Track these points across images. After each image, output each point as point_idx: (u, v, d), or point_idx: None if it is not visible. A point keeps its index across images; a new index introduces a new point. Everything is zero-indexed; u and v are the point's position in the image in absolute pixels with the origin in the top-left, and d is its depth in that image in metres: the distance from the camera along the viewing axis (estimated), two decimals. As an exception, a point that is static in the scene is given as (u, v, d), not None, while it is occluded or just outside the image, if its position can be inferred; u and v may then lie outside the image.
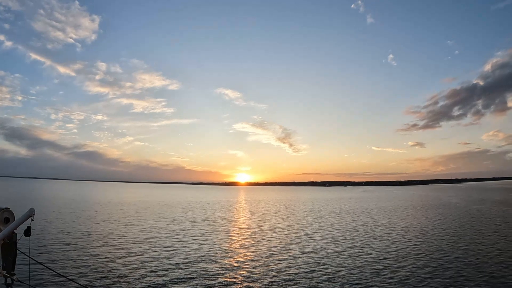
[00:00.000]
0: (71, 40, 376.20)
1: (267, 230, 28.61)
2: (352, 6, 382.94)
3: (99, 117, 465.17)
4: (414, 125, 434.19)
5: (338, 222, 33.95)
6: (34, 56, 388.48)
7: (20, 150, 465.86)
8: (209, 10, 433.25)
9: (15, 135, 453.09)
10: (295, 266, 16.20)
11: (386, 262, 16.98)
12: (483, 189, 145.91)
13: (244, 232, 27.14)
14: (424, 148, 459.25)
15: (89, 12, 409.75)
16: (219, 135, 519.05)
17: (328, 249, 20.36)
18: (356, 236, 25.42)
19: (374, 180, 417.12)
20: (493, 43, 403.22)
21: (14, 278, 6.64)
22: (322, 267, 16.01)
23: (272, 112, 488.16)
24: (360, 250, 19.83)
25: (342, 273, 14.86)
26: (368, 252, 19.38)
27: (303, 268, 15.71)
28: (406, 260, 17.38)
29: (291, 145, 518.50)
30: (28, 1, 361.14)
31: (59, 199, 66.72)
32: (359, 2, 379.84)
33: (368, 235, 25.49)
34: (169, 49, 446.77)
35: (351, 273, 14.82)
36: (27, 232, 6.62)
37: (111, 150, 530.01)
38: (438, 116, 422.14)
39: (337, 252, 19.47)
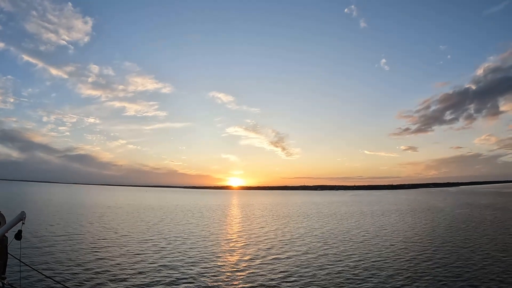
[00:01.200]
0: (64, 42, 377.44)
1: (243, 234, 29.20)
2: (346, 10, 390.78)
3: (91, 120, 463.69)
4: (407, 129, 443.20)
5: (314, 226, 34.87)
6: (26, 57, 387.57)
7: (11, 153, 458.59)
8: (202, 14, 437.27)
9: (7, 137, 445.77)
10: (267, 270, 16.72)
11: (355, 265, 17.77)
12: (473, 193, 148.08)
13: (224, 237, 27.62)
14: (416, 152, 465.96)
15: (82, 14, 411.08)
16: (212, 139, 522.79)
17: (302, 253, 20.88)
18: (328, 240, 26.16)
19: (366, 184, 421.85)
20: (486, 48, 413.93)
21: (5, 282, 7.03)
22: (296, 270, 16.66)
23: (264, 116, 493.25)
24: (333, 255, 20.43)
25: (318, 278, 15.50)
26: (339, 256, 20.02)
27: (277, 273, 16.25)
28: (378, 263, 18.08)
29: (283, 149, 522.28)
30: (21, 2, 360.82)
31: (51, 203, 66.53)
32: (352, 6, 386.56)
33: (342, 240, 26.12)
34: (161, 52, 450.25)
35: (327, 278, 15.44)
36: (18, 236, 7.00)
37: (104, 154, 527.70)
38: (430, 120, 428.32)
39: (312, 256, 19.95)
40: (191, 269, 16.62)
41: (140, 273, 15.79)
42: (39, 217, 37.68)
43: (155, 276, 15.26)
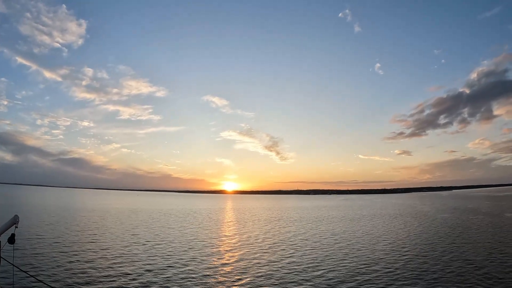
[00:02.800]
0: (58, 45, 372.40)
1: (219, 239, 29.52)
2: (340, 15, 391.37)
3: (85, 123, 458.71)
4: (401, 134, 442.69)
5: (289, 231, 35.60)
6: (20, 60, 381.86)
7: (5, 156, 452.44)
8: (197, 18, 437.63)
9: (0, 140, 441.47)
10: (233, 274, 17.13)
11: (326, 270, 18.29)
12: (464, 197, 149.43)
13: (202, 242, 27.54)
14: (410, 156, 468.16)
15: (76, 17, 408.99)
16: (206, 143, 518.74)
17: (275, 258, 21.26)
18: (299, 243, 26.76)
19: (359, 189, 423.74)
20: (479, 52, 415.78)
21: (-2, 286, 7.58)
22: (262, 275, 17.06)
23: (259, 120, 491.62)
24: (299, 259, 20.90)
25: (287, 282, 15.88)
26: (308, 260, 20.54)
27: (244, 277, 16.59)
28: (343, 269, 18.40)
29: (278, 153, 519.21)
30: (15, 3, 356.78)
31: (44, 206, 66.57)
32: (347, 11, 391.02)
33: (315, 244, 26.68)
34: (156, 56, 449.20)
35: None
36: (11, 240, 6.99)
37: (97, 157, 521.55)
38: (424, 124, 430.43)
39: (283, 261, 20.20)
40: (177, 272, 17.02)
41: (131, 275, 16.08)
42: (32, 221, 37.85)
43: (146, 279, 15.60)
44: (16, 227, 6.97)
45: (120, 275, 16.26)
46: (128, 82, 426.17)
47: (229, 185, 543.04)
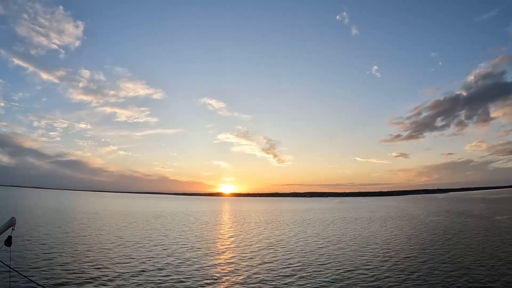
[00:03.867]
0: (55, 46, 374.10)
1: (203, 242, 29.91)
2: (337, 17, 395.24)
3: (82, 125, 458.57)
4: (398, 136, 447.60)
5: (271, 233, 36.25)
6: (17, 61, 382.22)
7: (1, 158, 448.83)
8: (194, 20, 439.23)
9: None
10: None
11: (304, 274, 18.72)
12: (459, 199, 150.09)
13: (186, 246, 27.58)
14: (407, 159, 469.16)
15: (73, 18, 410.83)
16: (203, 145, 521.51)
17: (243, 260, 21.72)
18: (279, 246, 27.21)
19: (356, 191, 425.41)
20: (477, 54, 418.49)
21: (-5, 288, 7.74)
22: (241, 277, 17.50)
23: (256, 123, 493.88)
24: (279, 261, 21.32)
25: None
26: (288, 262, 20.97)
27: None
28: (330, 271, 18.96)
29: (275, 156, 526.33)
30: (12, 4, 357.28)
31: (41, 209, 66.64)
32: (344, 13, 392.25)
33: (298, 246, 27.20)
34: (153, 58, 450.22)
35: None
36: (8, 242, 6.94)
37: (95, 159, 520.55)
38: (421, 127, 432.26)
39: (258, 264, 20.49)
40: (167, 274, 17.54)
41: (128, 277, 16.39)
42: (29, 223, 37.89)
43: (143, 280, 15.99)
44: (13, 229, 6.92)
45: (117, 277, 16.54)
46: (125, 84, 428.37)
47: (227, 188, 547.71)
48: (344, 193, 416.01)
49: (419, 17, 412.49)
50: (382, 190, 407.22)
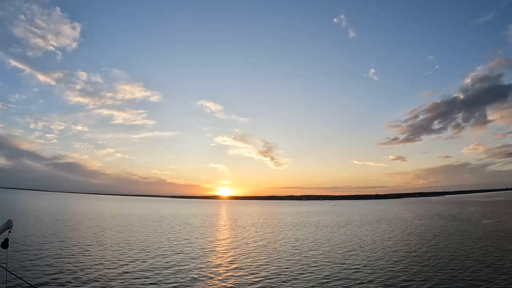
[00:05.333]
0: (52, 48, 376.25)
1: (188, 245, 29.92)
2: (335, 20, 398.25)
3: (79, 127, 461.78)
4: (395, 139, 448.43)
5: (254, 236, 36.65)
6: (14, 63, 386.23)
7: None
8: (191, 23, 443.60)
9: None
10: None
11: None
12: (452, 202, 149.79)
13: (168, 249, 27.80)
14: (405, 162, 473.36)
15: (70, 19, 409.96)
16: (200, 148, 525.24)
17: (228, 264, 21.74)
18: (255, 249, 27.30)
19: (352, 194, 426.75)
20: (473, 57, 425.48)
21: (-9, 291, 6.84)
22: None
23: (253, 126, 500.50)
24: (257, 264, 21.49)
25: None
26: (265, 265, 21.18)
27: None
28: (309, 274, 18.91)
29: (272, 159, 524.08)
30: (9, 6, 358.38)
31: (38, 211, 66.66)
32: (342, 16, 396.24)
33: (275, 249, 27.35)
34: (150, 60, 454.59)
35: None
36: (5, 244, 6.96)
37: (92, 162, 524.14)
38: (418, 129, 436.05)
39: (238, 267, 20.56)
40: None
41: (125, 279, 16.44)
42: (26, 226, 37.90)
43: (140, 283, 16.14)
44: (9, 231, 6.88)
45: (114, 279, 16.62)
46: (122, 86, 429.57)
47: (224, 191, 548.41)
48: (340, 196, 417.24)
49: (416, 21, 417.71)
50: (378, 193, 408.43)
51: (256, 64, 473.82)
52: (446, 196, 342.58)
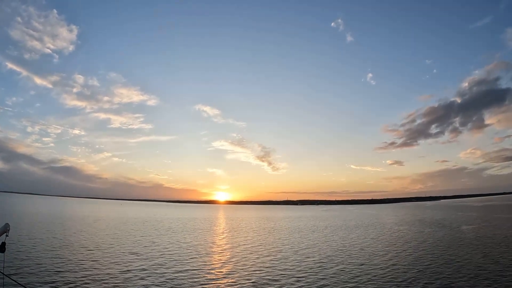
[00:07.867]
0: (49, 51, 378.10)
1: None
2: (332, 24, 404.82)
3: (76, 131, 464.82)
4: (392, 143, 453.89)
5: (236, 240, 37.22)
6: (10, 65, 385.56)
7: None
8: (189, 27, 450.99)
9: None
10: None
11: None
12: (443, 207, 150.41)
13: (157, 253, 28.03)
14: (402, 166, 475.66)
15: (67, 22, 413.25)
16: (198, 152, 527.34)
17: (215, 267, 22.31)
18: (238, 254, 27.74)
19: (348, 199, 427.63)
20: (471, 61, 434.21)
21: (-12, 295, 6.49)
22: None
23: (251, 130, 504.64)
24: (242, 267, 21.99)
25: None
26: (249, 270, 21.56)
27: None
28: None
29: (270, 163, 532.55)
30: (5, 7, 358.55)
31: (35, 215, 67.53)
32: (339, 20, 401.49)
33: (257, 254, 27.86)
34: (147, 64, 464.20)
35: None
36: (1, 248, 7.05)
37: (89, 166, 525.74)
38: (415, 134, 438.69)
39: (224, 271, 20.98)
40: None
41: (123, 283, 16.71)
42: (23, 229, 38.33)
43: (144, 285, 16.62)
44: (6, 235, 6.88)
45: (111, 284, 16.79)
46: (119, 90, 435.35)
47: (221, 195, 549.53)
48: (336, 201, 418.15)
49: (413, 25, 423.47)
50: (374, 198, 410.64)
51: (253, 68, 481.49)
52: (442, 200, 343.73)
